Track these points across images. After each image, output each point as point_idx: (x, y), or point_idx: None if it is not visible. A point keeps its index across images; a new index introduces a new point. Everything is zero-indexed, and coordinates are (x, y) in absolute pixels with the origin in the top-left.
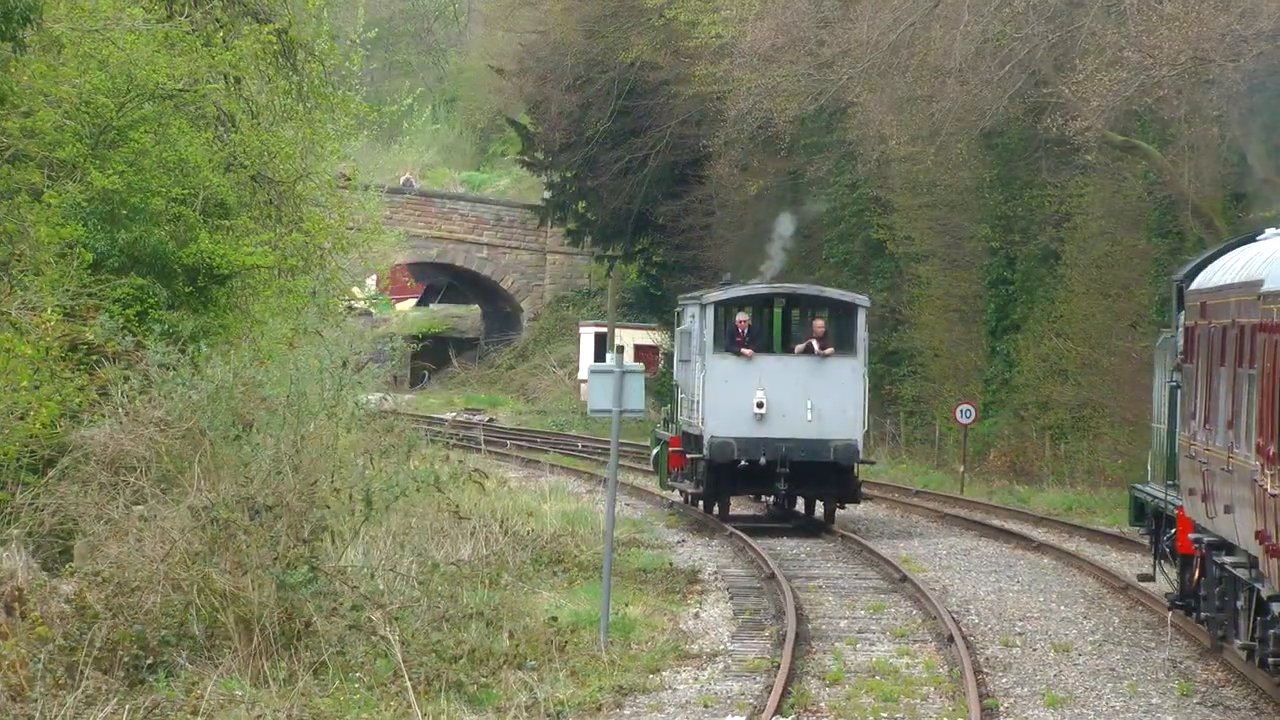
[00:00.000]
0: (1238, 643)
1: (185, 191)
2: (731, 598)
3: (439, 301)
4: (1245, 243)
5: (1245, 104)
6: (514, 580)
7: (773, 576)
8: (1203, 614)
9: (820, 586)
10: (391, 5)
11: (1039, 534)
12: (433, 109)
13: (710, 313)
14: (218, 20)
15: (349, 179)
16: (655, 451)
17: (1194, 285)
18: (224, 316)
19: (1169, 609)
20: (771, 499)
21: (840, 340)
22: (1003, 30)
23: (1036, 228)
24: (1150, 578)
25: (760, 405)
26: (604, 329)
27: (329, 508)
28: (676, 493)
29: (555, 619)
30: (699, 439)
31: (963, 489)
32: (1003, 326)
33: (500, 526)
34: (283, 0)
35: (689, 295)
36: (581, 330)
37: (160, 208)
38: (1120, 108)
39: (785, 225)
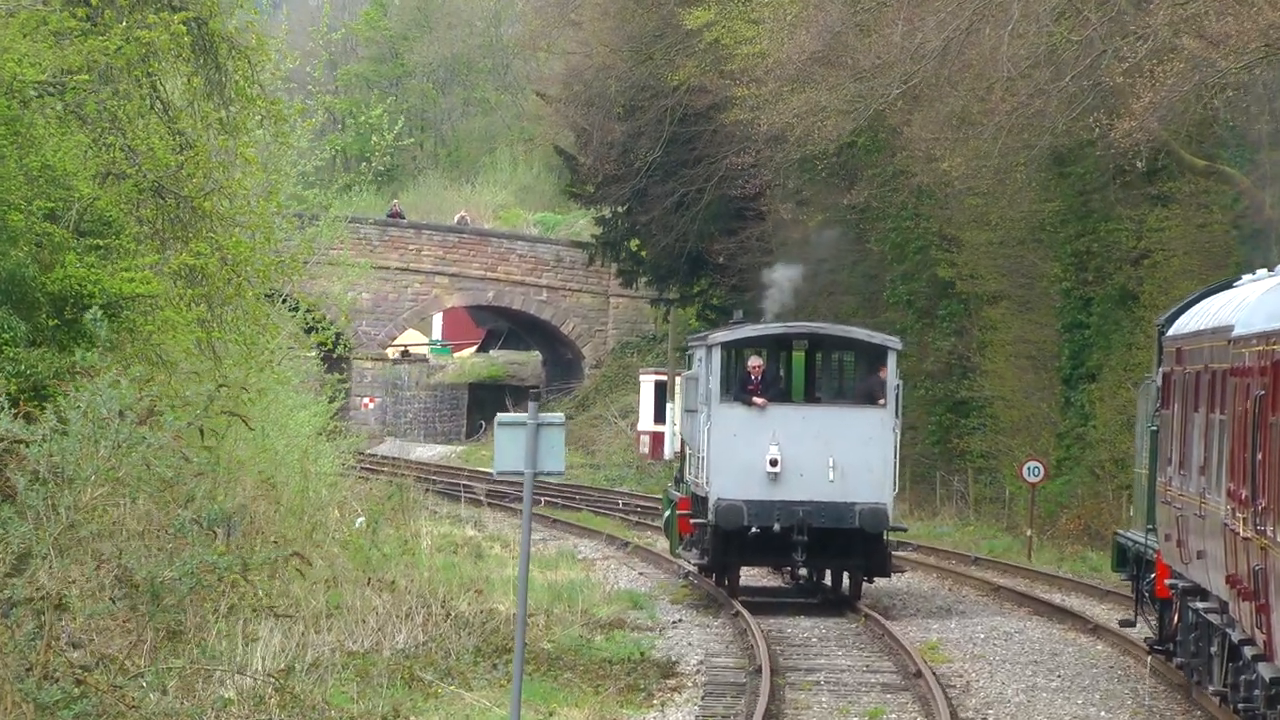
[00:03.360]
0: (1211, 688)
1: (52, 204)
2: (704, 698)
3: (499, 347)
4: (1223, 288)
5: None
6: (437, 678)
7: (760, 670)
8: (1177, 659)
9: (817, 683)
10: (468, 40)
11: (1100, 612)
12: (511, 148)
13: (717, 355)
14: (120, 6)
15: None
16: (666, 514)
17: (1170, 331)
18: (100, 355)
19: (1148, 653)
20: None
21: (867, 388)
22: (1060, 33)
23: (1112, 266)
24: (1131, 623)
25: (774, 463)
26: (665, 376)
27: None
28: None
29: None
30: (705, 501)
31: (1030, 556)
32: (1077, 375)
33: (442, 607)
34: None
35: (697, 336)
36: (642, 378)
37: (20, 224)
38: (1175, 108)
39: (783, 275)
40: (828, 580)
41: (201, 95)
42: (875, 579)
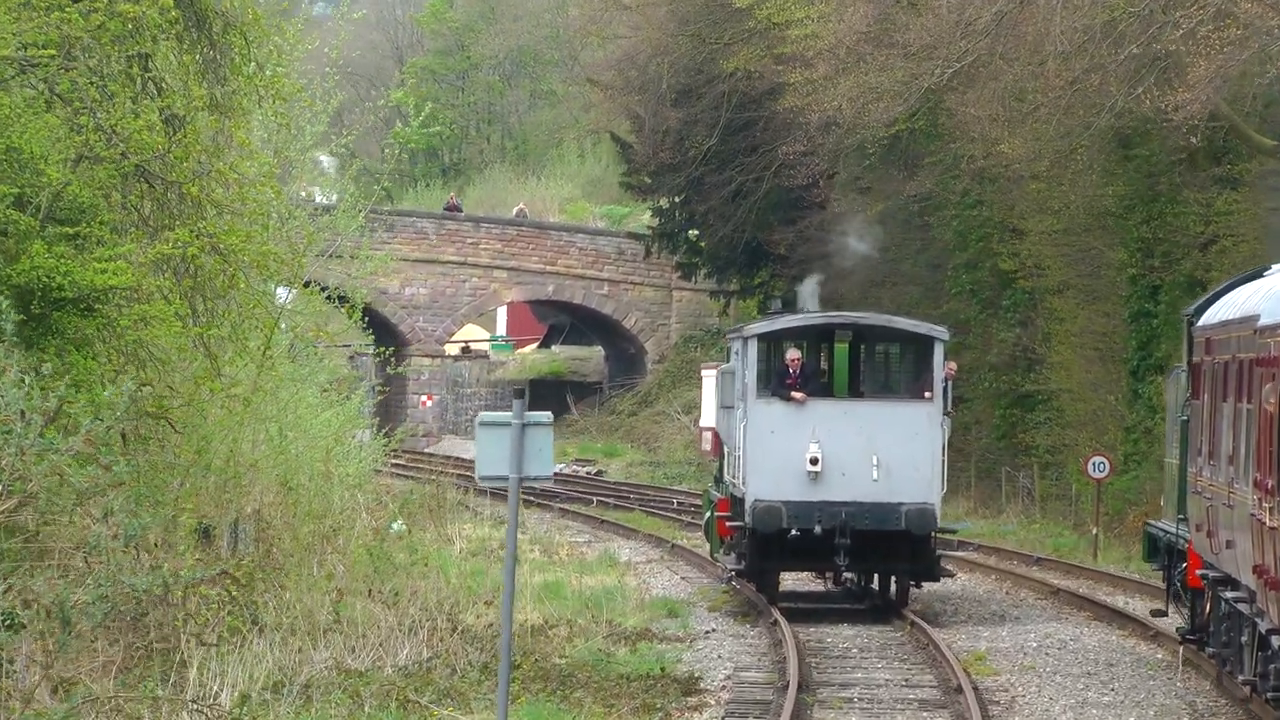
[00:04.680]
0: (1241, 677)
1: (18, 190)
2: (725, 718)
3: (561, 343)
4: (1252, 278)
5: None
6: (435, 698)
7: (788, 687)
8: (1210, 649)
9: (849, 700)
10: (534, 31)
11: (1165, 618)
12: (578, 141)
13: (753, 348)
14: None
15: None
16: (706, 516)
17: (1200, 322)
18: (73, 354)
19: (1180, 643)
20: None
21: (914, 381)
22: (1119, 4)
23: (1180, 252)
24: (1163, 613)
25: (815, 461)
26: None
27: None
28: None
29: None
30: (742, 502)
31: (1096, 556)
32: (1145, 366)
33: (449, 620)
34: None
35: (733, 328)
36: (703, 373)
37: None
38: (1232, 78)
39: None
40: (876, 585)
41: (195, 74)
42: (923, 584)
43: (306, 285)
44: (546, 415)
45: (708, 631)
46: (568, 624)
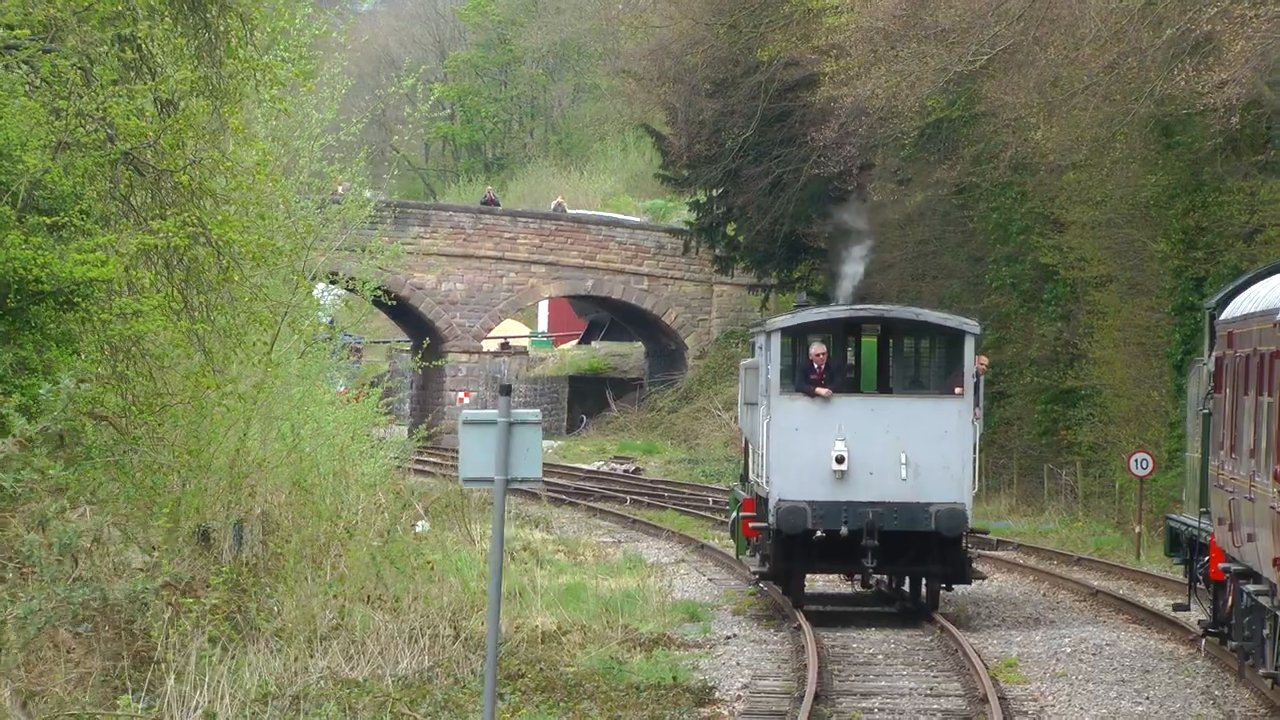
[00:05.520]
0: (1263, 670)
1: None
2: None
3: (601, 339)
4: (1274, 271)
5: None
6: (431, 711)
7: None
8: (1232, 642)
9: (869, 711)
10: (578, 24)
11: (1186, 612)
12: (622, 135)
13: (776, 342)
14: None
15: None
16: (733, 516)
17: (1222, 315)
18: (54, 350)
19: (1202, 636)
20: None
21: (944, 376)
22: None
23: (1224, 243)
24: (1185, 607)
25: (841, 460)
26: None
27: None
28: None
29: None
30: (766, 502)
31: (1140, 555)
32: (1189, 361)
33: (452, 627)
34: None
35: (758, 323)
36: (743, 367)
37: None
38: (1271, 57)
39: (855, 216)
40: (907, 587)
41: (190, 57)
42: (954, 587)
43: (334, 280)
44: (534, 413)
45: (729, 637)
46: (582, 630)
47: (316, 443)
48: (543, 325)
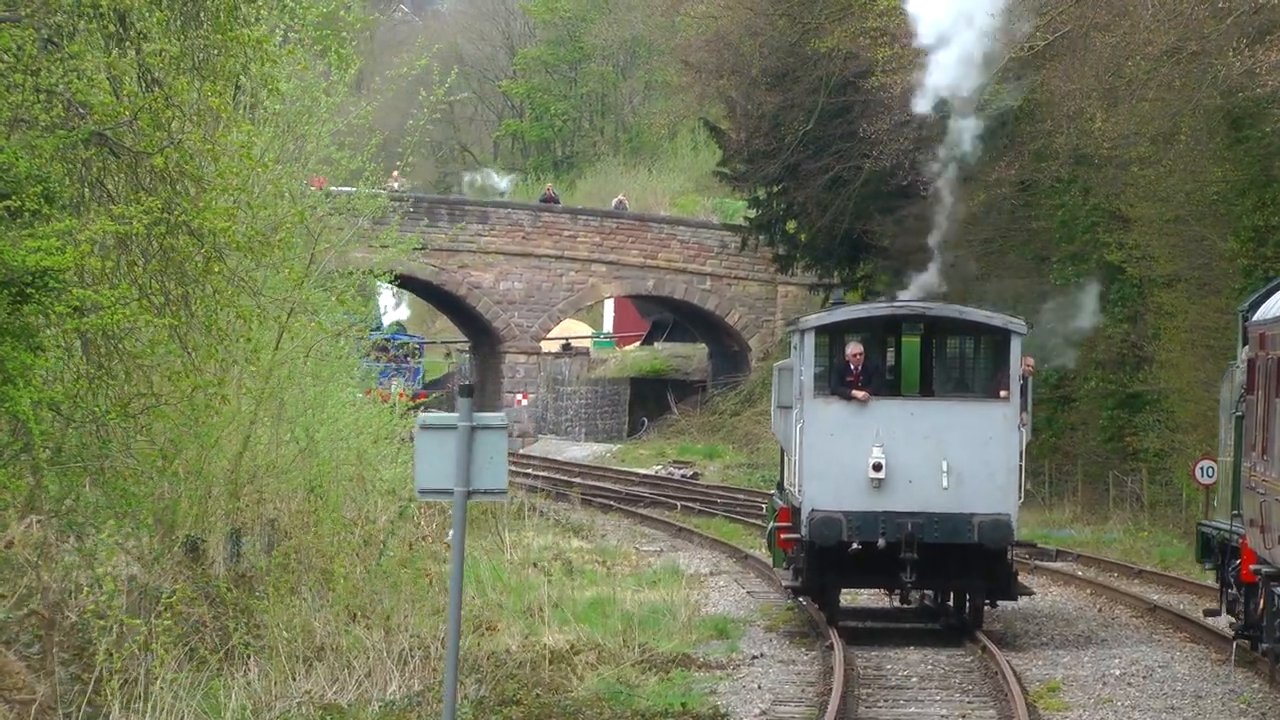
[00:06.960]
0: None
1: None
2: None
3: (664, 340)
4: None
5: None
6: None
7: None
8: (1263, 645)
9: None
10: (648, 21)
11: (1217, 617)
12: (693, 132)
13: (810, 342)
14: None
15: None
16: (770, 526)
17: (1255, 317)
18: (6, 345)
19: (1233, 639)
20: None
21: (989, 379)
22: None
23: None
24: (1216, 612)
25: (878, 467)
26: None
27: None
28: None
29: None
30: (799, 512)
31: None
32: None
33: (444, 647)
34: None
35: (792, 322)
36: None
37: None
38: None
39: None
40: (951, 602)
41: (176, 31)
42: (998, 603)
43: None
44: (499, 417)
45: (755, 656)
46: (596, 649)
47: (333, 446)
48: (607, 326)
